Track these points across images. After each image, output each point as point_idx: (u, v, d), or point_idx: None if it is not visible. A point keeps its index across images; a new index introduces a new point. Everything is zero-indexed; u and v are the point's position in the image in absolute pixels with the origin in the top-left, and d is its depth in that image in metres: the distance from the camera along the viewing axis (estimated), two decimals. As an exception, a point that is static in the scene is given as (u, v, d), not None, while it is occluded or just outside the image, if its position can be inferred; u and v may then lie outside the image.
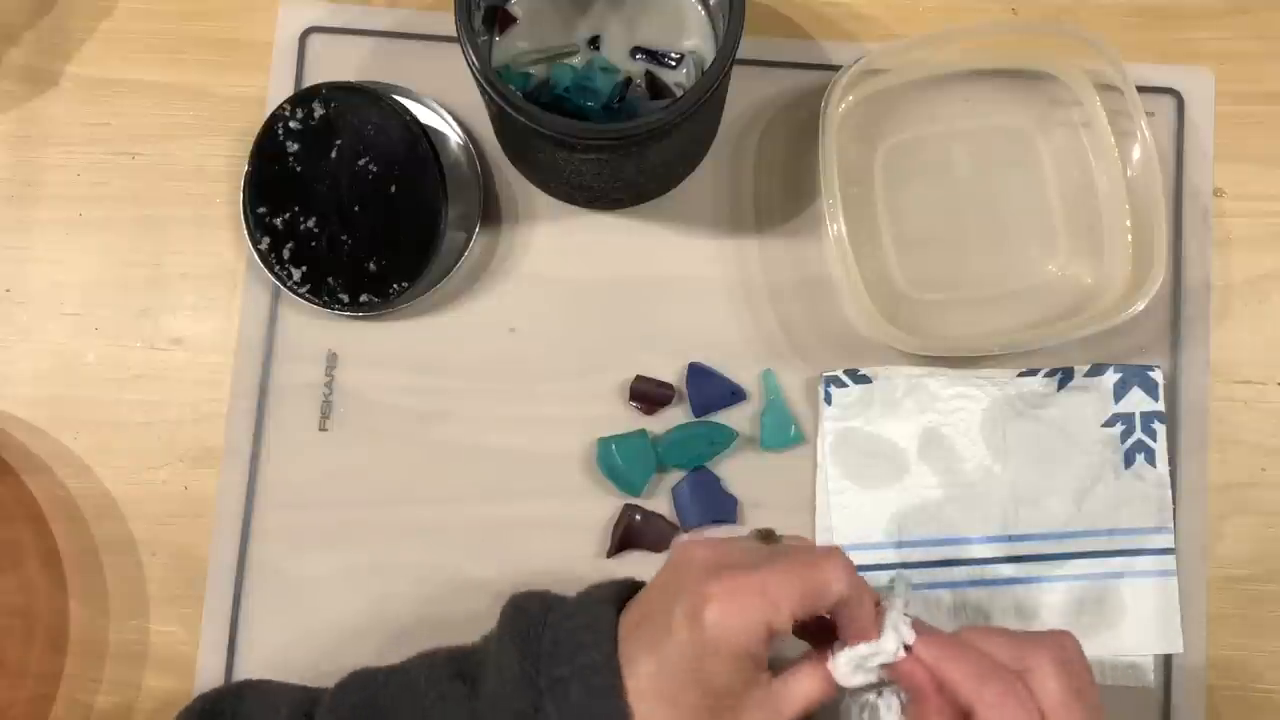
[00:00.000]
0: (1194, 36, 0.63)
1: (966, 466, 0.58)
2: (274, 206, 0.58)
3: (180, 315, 0.60)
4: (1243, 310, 0.61)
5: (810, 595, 0.41)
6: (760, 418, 0.59)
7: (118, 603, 0.58)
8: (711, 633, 0.40)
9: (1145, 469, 0.58)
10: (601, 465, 0.58)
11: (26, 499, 0.58)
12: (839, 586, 0.41)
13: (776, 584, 0.41)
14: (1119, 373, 0.59)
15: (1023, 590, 0.58)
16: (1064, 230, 0.61)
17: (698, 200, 0.61)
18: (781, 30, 0.62)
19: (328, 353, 0.60)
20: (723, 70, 0.50)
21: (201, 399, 0.59)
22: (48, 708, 0.57)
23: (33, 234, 0.61)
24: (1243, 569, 0.59)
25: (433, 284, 0.59)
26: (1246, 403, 0.60)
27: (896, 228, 0.61)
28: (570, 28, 0.58)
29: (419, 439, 0.59)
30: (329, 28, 0.62)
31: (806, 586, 0.41)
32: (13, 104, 0.62)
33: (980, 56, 0.62)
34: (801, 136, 0.61)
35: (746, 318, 0.60)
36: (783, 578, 0.41)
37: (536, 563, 0.58)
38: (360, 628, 0.58)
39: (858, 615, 0.42)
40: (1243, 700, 0.58)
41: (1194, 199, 0.61)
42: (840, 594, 0.41)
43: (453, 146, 0.60)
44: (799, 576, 0.41)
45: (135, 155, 0.61)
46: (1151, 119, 0.59)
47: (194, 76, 0.62)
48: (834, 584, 0.41)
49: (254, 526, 0.58)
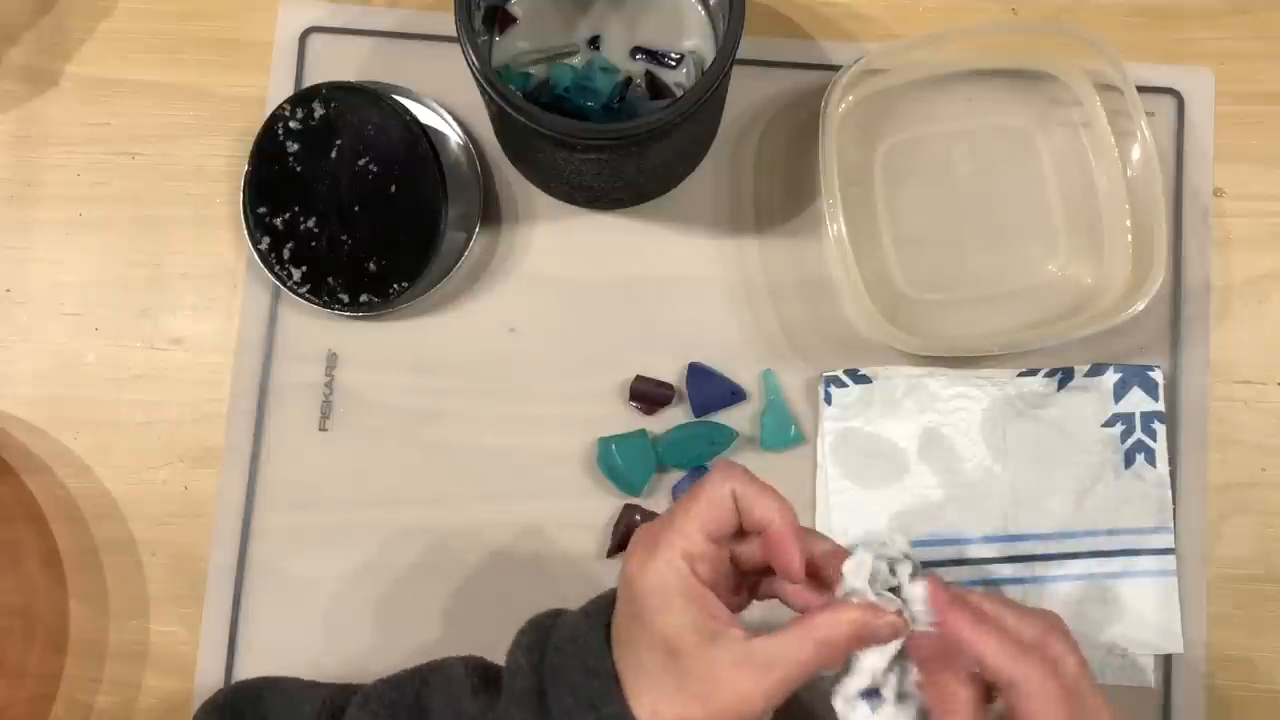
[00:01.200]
0: (1194, 36, 0.63)
1: (966, 466, 0.58)
2: (274, 206, 0.58)
3: (180, 315, 0.60)
4: (1243, 310, 0.61)
5: (709, 505, 0.42)
6: (760, 418, 0.59)
7: (118, 603, 0.58)
8: (637, 583, 0.41)
9: (1145, 469, 0.58)
10: (601, 465, 0.58)
11: (26, 499, 0.58)
12: (729, 485, 0.42)
13: (679, 513, 0.42)
14: (1119, 373, 0.59)
15: (1023, 590, 0.58)
16: (1064, 230, 0.61)
17: (698, 200, 0.61)
18: (781, 30, 0.63)
19: (328, 353, 0.60)
20: (723, 70, 0.50)
21: (201, 399, 0.59)
22: (48, 708, 0.57)
23: (33, 234, 0.61)
24: (1243, 569, 0.59)
25: (433, 284, 0.59)
26: (1246, 403, 0.60)
27: (896, 228, 0.61)
28: (570, 28, 0.58)
29: (419, 439, 0.59)
30: (329, 28, 0.62)
31: (701, 500, 0.42)
32: (13, 104, 0.62)
33: (980, 56, 0.62)
34: (801, 136, 0.61)
35: (746, 318, 0.60)
36: (681, 505, 0.42)
37: (536, 563, 0.58)
38: (360, 628, 0.58)
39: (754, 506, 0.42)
40: (1243, 699, 0.58)
41: (1194, 199, 0.61)
42: (733, 491, 0.42)
43: (453, 146, 0.60)
44: (692, 497, 0.42)
45: (135, 155, 0.61)
46: (1151, 119, 0.59)
47: (194, 76, 0.62)
48: (723, 484, 0.42)
49: (254, 526, 0.58)
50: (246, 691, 0.49)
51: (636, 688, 0.40)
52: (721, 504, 0.42)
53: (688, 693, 0.39)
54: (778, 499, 0.43)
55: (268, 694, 0.49)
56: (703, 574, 0.41)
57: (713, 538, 0.42)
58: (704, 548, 0.41)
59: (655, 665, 0.40)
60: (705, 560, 0.42)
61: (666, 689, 0.40)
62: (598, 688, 0.40)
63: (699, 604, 0.41)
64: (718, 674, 0.39)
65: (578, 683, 0.41)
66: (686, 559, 0.41)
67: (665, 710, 0.39)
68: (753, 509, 0.42)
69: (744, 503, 0.42)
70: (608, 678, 0.41)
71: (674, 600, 0.40)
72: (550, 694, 0.41)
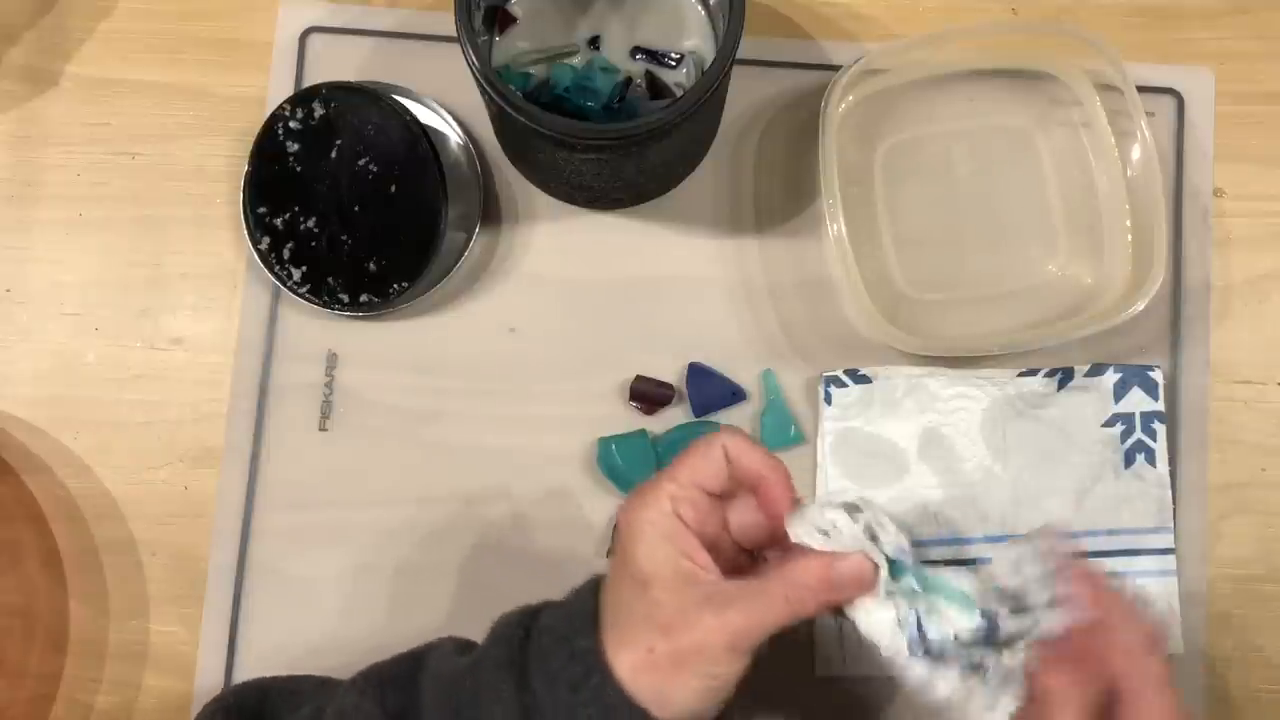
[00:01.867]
0: (1194, 36, 0.63)
1: (967, 466, 0.58)
2: (274, 206, 0.58)
3: (180, 315, 0.60)
4: (1243, 310, 0.61)
5: (699, 456, 0.44)
6: (760, 418, 0.59)
7: (118, 603, 0.58)
8: (624, 526, 0.43)
9: (1145, 469, 0.58)
10: (601, 465, 0.58)
11: (26, 499, 0.58)
12: (721, 440, 0.44)
13: (672, 464, 0.44)
14: (1119, 373, 0.59)
15: (1023, 590, 0.58)
16: (1064, 230, 0.61)
17: (698, 200, 0.61)
18: (781, 30, 0.62)
19: (328, 353, 0.60)
20: (723, 70, 0.50)
21: (201, 399, 0.59)
22: (48, 708, 0.57)
23: (33, 234, 0.61)
24: (1243, 569, 0.59)
25: (433, 284, 0.59)
26: (1246, 403, 0.60)
27: (896, 228, 0.61)
28: (570, 28, 0.58)
29: (419, 439, 0.59)
30: (329, 28, 0.62)
31: (693, 452, 0.44)
32: (13, 104, 0.62)
33: (980, 56, 0.62)
34: (801, 136, 0.61)
35: (746, 318, 0.60)
36: (675, 459, 0.44)
37: (536, 563, 0.58)
38: (360, 627, 0.58)
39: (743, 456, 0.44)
40: (1242, 699, 0.58)
41: (1194, 199, 0.61)
42: (724, 445, 0.44)
43: (453, 146, 0.60)
44: (686, 450, 0.44)
45: (135, 155, 0.61)
46: (1151, 119, 0.59)
47: (194, 76, 0.62)
48: (716, 439, 0.44)
49: (254, 526, 0.58)
50: (252, 690, 0.50)
51: (610, 622, 0.41)
52: (711, 455, 0.44)
53: (653, 622, 0.40)
54: (769, 455, 0.44)
55: (274, 693, 0.49)
56: (686, 516, 0.42)
57: (702, 486, 0.43)
58: (691, 493, 0.43)
59: (629, 595, 0.42)
60: (691, 504, 0.43)
61: (635, 618, 0.41)
62: (577, 626, 0.42)
63: (677, 542, 0.42)
64: (685, 608, 0.40)
65: (559, 626, 0.42)
66: (671, 501, 0.42)
67: (629, 639, 0.40)
68: (741, 458, 0.44)
69: (734, 452, 0.44)
70: (586, 618, 0.42)
71: (655, 539, 0.42)
72: (531, 638, 0.42)
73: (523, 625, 0.43)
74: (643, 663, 0.40)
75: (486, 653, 0.43)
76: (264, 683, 0.50)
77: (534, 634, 0.43)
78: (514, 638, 0.43)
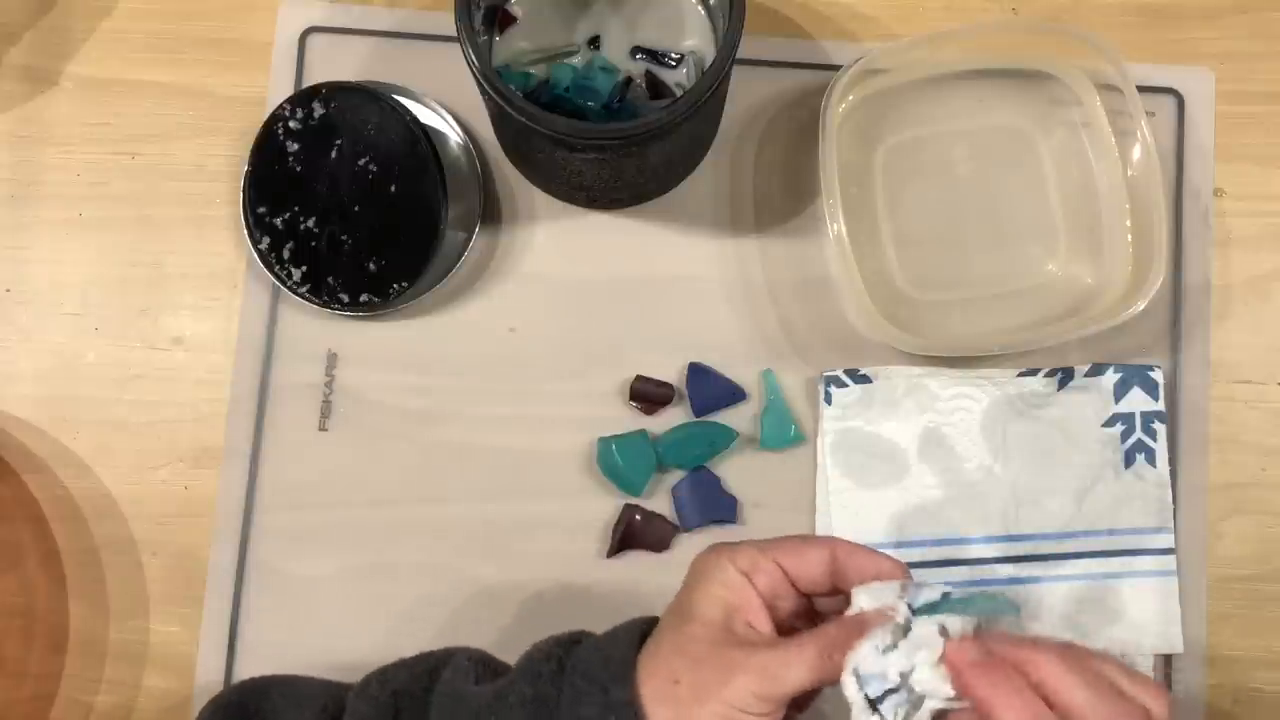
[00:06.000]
0: (1194, 36, 0.63)
1: (966, 466, 0.58)
2: (274, 206, 0.58)
3: (180, 315, 0.60)
4: (1243, 310, 0.61)
5: (797, 541, 0.42)
6: (760, 418, 0.59)
7: (118, 603, 0.58)
8: (691, 574, 0.43)
9: (1145, 469, 0.58)
10: (601, 465, 0.58)
11: (26, 499, 0.58)
12: (831, 544, 0.42)
13: (771, 540, 0.42)
14: (1119, 373, 0.59)
15: (1023, 590, 0.58)
16: (1064, 230, 0.61)
17: (698, 200, 0.61)
18: (781, 30, 0.62)
19: (328, 353, 0.60)
20: (723, 70, 0.50)
21: (201, 399, 0.59)
22: (48, 708, 0.57)
23: (33, 234, 0.61)
24: (1243, 569, 0.59)
25: (433, 284, 0.59)
26: (1246, 403, 0.60)
27: (897, 228, 0.61)
28: (570, 28, 0.58)
29: (419, 439, 0.59)
30: (329, 28, 0.62)
31: (796, 538, 0.42)
32: (13, 104, 0.62)
33: (980, 56, 0.62)
34: (801, 136, 0.61)
35: (746, 318, 0.60)
36: (777, 539, 0.43)
37: (536, 563, 0.58)
38: (360, 628, 0.58)
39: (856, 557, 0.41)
40: (1243, 699, 0.58)
41: (1194, 199, 0.61)
42: (833, 550, 0.41)
43: (453, 146, 0.60)
44: (789, 536, 0.43)
45: (135, 155, 0.61)
46: (1151, 119, 0.59)
47: (194, 76, 0.62)
48: (826, 541, 0.42)
49: (254, 526, 0.58)
50: (254, 689, 0.49)
51: (646, 656, 0.41)
52: (806, 552, 0.42)
53: (686, 655, 0.40)
54: (888, 557, 0.42)
55: (276, 691, 0.49)
56: (759, 583, 0.41)
57: (787, 572, 0.42)
58: (771, 566, 0.41)
59: (667, 628, 0.41)
60: (767, 576, 0.41)
61: (664, 648, 0.40)
62: (614, 672, 0.40)
63: (738, 594, 0.41)
64: (718, 643, 0.40)
65: (595, 670, 0.41)
66: (750, 562, 0.41)
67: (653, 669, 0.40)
68: (853, 558, 0.41)
69: (843, 555, 0.41)
70: (625, 666, 0.40)
71: (717, 587, 0.41)
72: (565, 674, 0.42)
73: (554, 657, 0.42)
74: (665, 694, 0.39)
75: (513, 687, 0.42)
76: (266, 681, 0.50)
77: (568, 670, 0.41)
78: (543, 672, 0.42)
